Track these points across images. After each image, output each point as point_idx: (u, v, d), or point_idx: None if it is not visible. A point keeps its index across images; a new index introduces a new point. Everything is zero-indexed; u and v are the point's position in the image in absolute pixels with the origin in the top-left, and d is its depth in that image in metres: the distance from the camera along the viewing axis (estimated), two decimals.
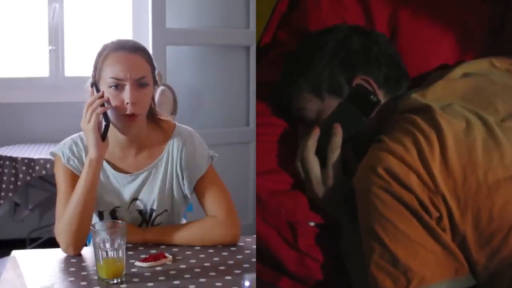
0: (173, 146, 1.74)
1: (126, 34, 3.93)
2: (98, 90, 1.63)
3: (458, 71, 1.51)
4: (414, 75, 1.61)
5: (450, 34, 1.64)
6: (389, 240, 1.31)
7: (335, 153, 1.48)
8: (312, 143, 1.50)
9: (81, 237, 1.59)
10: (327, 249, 1.49)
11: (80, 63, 3.92)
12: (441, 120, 1.34)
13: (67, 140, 1.73)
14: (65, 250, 1.60)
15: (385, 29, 1.66)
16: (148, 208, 1.73)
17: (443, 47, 1.64)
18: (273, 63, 1.70)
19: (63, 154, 1.69)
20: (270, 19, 1.76)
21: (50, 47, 3.87)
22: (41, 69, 3.93)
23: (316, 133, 1.51)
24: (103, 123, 1.60)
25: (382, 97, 1.53)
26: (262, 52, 1.76)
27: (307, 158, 1.50)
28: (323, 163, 1.49)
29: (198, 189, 1.74)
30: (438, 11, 1.66)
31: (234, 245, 1.67)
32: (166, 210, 1.74)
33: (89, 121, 1.59)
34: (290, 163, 1.52)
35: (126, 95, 1.60)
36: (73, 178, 1.66)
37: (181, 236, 1.67)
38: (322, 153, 1.50)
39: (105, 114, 1.60)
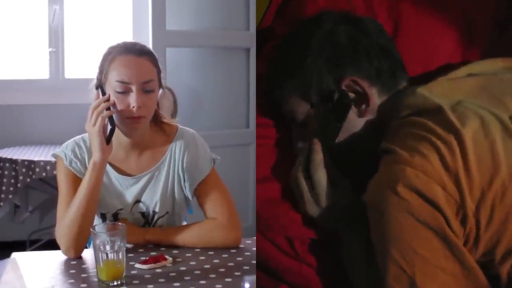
0: (176, 148, 1.73)
1: (126, 36, 3.93)
2: (103, 93, 1.63)
3: (463, 71, 1.40)
4: (416, 72, 1.53)
5: (453, 29, 1.56)
6: (406, 264, 1.20)
7: (318, 172, 1.37)
8: (303, 161, 1.40)
9: (81, 240, 1.59)
10: (326, 257, 1.45)
11: (80, 65, 3.91)
12: (455, 121, 1.22)
13: (70, 142, 1.72)
14: (65, 253, 1.60)
15: (386, 23, 1.57)
16: (151, 210, 1.73)
17: (446, 43, 1.57)
18: (268, 56, 1.61)
19: (65, 156, 1.68)
20: (266, 11, 1.69)
21: (50, 49, 3.88)
22: (41, 71, 3.93)
23: (305, 150, 1.41)
24: (109, 127, 1.60)
25: (376, 95, 1.41)
26: (259, 45, 1.68)
27: (298, 178, 1.40)
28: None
29: (199, 192, 1.73)
30: (441, 5, 1.59)
31: (235, 247, 1.67)
32: (167, 212, 1.74)
33: (94, 124, 1.59)
34: (283, 169, 1.46)
35: (132, 99, 1.60)
36: (75, 180, 1.66)
37: (183, 238, 1.67)
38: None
39: (110, 118, 1.60)
